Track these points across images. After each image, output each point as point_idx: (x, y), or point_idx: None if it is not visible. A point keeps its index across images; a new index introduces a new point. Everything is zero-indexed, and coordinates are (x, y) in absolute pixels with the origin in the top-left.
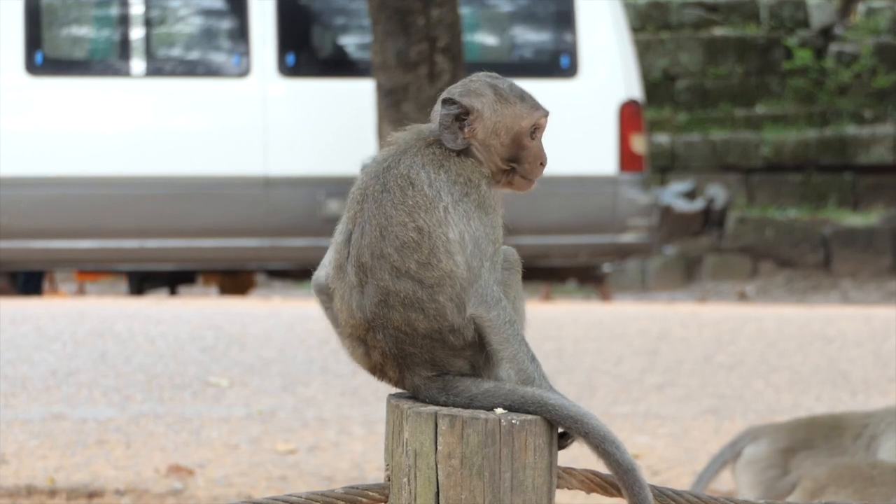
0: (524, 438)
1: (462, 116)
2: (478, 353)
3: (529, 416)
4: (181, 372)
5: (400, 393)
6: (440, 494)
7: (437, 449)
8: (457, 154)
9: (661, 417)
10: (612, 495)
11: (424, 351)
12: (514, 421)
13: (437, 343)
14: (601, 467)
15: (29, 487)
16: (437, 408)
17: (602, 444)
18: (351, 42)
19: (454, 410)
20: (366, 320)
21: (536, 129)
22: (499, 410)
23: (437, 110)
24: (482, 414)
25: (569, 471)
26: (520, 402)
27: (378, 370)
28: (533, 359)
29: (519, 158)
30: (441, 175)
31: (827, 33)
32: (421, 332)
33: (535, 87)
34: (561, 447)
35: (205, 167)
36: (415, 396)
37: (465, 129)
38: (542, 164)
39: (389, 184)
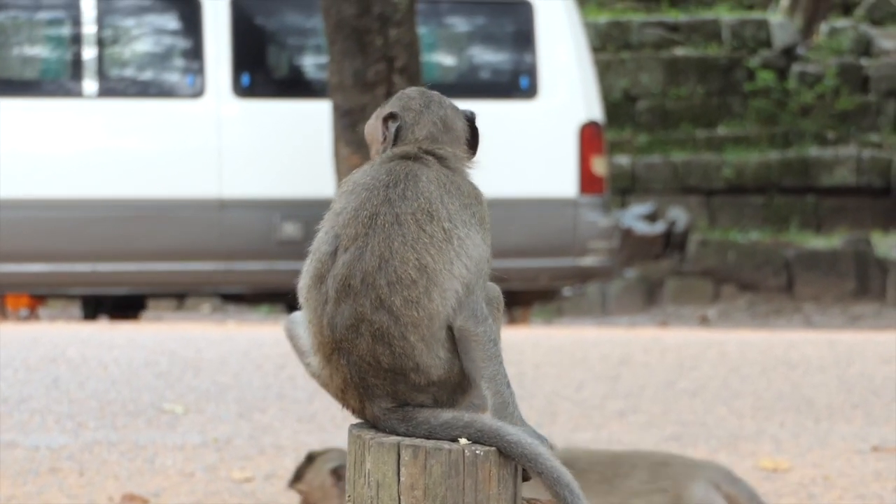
0: (488, 469)
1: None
2: (441, 389)
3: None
4: (135, 398)
5: (361, 422)
6: None
7: (399, 480)
8: (459, 170)
9: (623, 444)
10: None
11: (387, 384)
12: (477, 452)
13: (399, 378)
14: None
15: None
16: (399, 438)
17: (555, 487)
18: (307, 62)
19: (417, 441)
20: (334, 340)
21: None
22: (463, 441)
23: (458, 122)
24: (445, 444)
25: (533, 501)
26: (477, 435)
27: (340, 396)
28: (508, 384)
29: None
30: (455, 201)
31: (789, 54)
32: (384, 367)
33: (495, 109)
34: (524, 479)
35: (158, 189)
36: (374, 426)
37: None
38: None
39: (404, 217)
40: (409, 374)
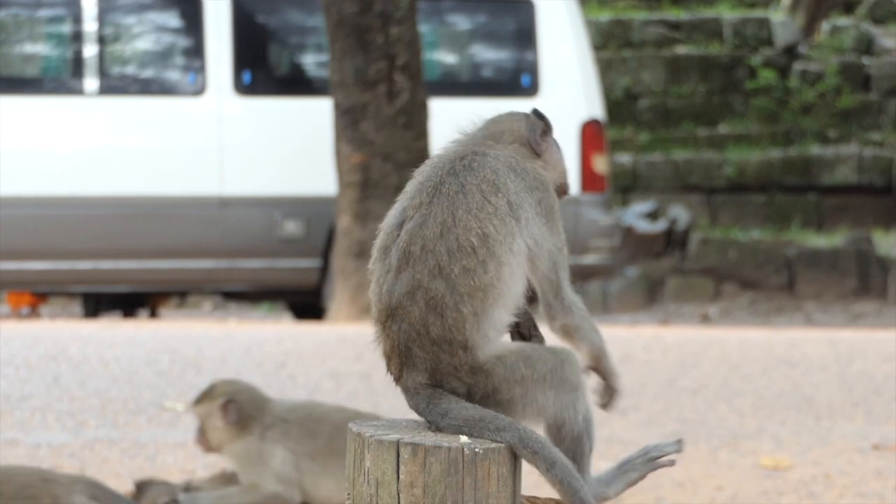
0: (487, 467)
1: (545, 135)
2: (478, 382)
3: (493, 445)
4: (136, 396)
5: (361, 421)
6: None
7: (398, 478)
8: (527, 158)
9: (625, 442)
10: None
11: (429, 357)
12: (477, 450)
13: (443, 354)
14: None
15: None
16: (399, 436)
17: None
18: (308, 60)
19: (416, 439)
20: (390, 306)
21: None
22: (463, 439)
23: (520, 118)
24: (445, 442)
25: (532, 499)
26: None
27: (386, 362)
28: (601, 338)
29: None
30: (521, 182)
31: (791, 52)
32: (432, 337)
33: (496, 106)
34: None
35: (160, 187)
36: (405, 395)
37: (543, 143)
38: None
39: (469, 186)
40: (456, 350)
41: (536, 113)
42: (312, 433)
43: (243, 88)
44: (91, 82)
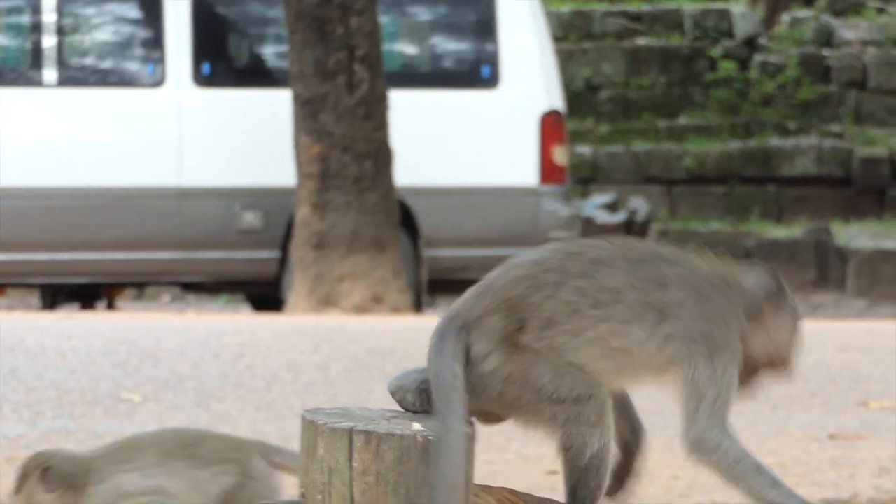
0: None
1: (770, 297)
2: (500, 358)
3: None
4: (93, 387)
5: (315, 409)
6: None
7: (351, 466)
8: (728, 299)
9: None
10: None
11: (472, 319)
12: (430, 437)
13: (515, 313)
14: (518, 485)
15: None
16: (352, 423)
17: None
18: (268, 51)
19: (370, 427)
20: (498, 271)
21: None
22: (416, 426)
23: (754, 274)
24: (398, 430)
25: (486, 488)
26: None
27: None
28: (772, 484)
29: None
30: (695, 304)
31: (751, 44)
32: (493, 306)
33: (456, 98)
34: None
35: (118, 178)
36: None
37: (760, 306)
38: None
39: (644, 264)
40: (522, 322)
41: (774, 275)
42: (142, 450)
43: (202, 80)
44: (50, 73)
